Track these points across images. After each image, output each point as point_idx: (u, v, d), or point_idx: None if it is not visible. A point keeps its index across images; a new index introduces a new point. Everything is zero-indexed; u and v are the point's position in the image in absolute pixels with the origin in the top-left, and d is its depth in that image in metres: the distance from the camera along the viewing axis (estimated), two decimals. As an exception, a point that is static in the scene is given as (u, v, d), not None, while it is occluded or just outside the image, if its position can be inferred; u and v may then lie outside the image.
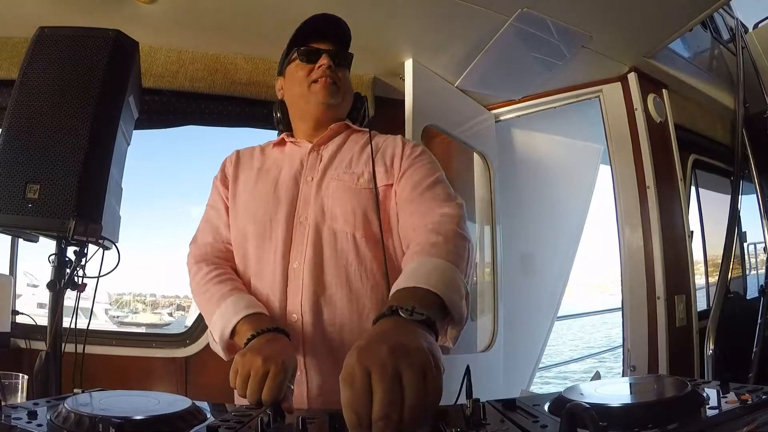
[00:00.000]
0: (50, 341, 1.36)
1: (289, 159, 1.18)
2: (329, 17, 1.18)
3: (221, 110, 2.14)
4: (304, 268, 1.03)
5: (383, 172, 1.11)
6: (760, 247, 3.14)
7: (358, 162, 1.13)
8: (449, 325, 0.80)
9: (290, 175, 1.14)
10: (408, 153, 1.14)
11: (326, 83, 1.15)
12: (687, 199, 2.48)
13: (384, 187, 1.10)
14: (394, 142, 1.18)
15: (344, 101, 1.21)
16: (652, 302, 2.14)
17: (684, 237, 2.33)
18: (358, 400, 0.53)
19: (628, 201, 2.24)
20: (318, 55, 1.16)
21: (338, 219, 1.06)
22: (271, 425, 0.68)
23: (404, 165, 1.12)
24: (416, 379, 0.54)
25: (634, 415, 0.62)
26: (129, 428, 0.60)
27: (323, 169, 1.13)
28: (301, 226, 1.07)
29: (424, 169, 1.11)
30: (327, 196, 1.09)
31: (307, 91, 1.17)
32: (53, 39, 1.41)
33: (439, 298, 0.75)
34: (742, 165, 2.89)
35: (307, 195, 1.10)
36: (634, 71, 2.28)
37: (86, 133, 1.33)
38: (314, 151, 1.17)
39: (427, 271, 0.81)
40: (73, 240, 1.32)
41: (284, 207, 1.09)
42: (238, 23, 1.90)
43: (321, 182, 1.11)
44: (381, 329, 0.66)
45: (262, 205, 1.11)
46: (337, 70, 1.17)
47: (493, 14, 1.83)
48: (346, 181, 1.10)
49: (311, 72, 1.16)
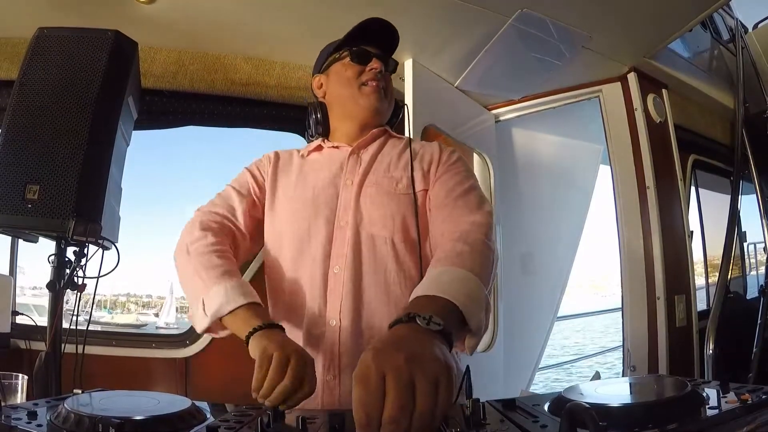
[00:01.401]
0: (50, 342, 1.35)
1: (328, 163, 1.16)
2: (385, 24, 1.18)
3: (221, 110, 2.14)
4: (345, 273, 1.03)
5: (420, 178, 1.11)
6: (760, 247, 3.14)
7: (396, 167, 1.13)
8: (467, 335, 0.80)
9: (329, 178, 1.12)
10: (444, 159, 1.15)
11: (377, 87, 1.15)
12: (687, 199, 2.48)
13: (422, 192, 1.10)
14: (431, 148, 1.19)
15: (389, 107, 1.21)
16: (652, 302, 2.15)
17: (684, 237, 2.33)
18: (371, 401, 0.55)
19: (628, 201, 2.24)
20: (370, 57, 1.16)
21: (376, 223, 1.06)
22: (271, 425, 0.68)
23: (440, 171, 1.12)
24: (429, 388, 0.56)
25: (634, 415, 0.62)
26: (129, 428, 0.60)
27: (363, 172, 1.12)
28: (341, 231, 1.06)
29: (459, 175, 1.11)
30: (366, 201, 1.08)
31: (358, 92, 1.15)
32: (53, 39, 1.41)
33: (458, 308, 0.76)
34: (742, 165, 2.89)
35: (348, 199, 1.09)
36: (634, 71, 2.28)
37: (86, 134, 1.33)
38: (354, 154, 1.16)
39: (449, 281, 0.81)
40: (73, 240, 1.32)
41: (324, 211, 1.08)
42: (238, 23, 1.90)
43: (361, 186, 1.10)
44: (398, 335, 0.66)
45: (301, 209, 1.09)
46: (386, 74, 1.17)
47: (493, 14, 1.83)
48: (385, 186, 1.09)
49: (361, 74, 1.15)
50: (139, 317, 22.72)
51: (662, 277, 2.14)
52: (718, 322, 2.32)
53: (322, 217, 1.07)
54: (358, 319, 1.01)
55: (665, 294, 2.13)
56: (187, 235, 1.04)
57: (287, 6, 1.77)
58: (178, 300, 20.44)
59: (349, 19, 1.23)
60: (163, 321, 18.98)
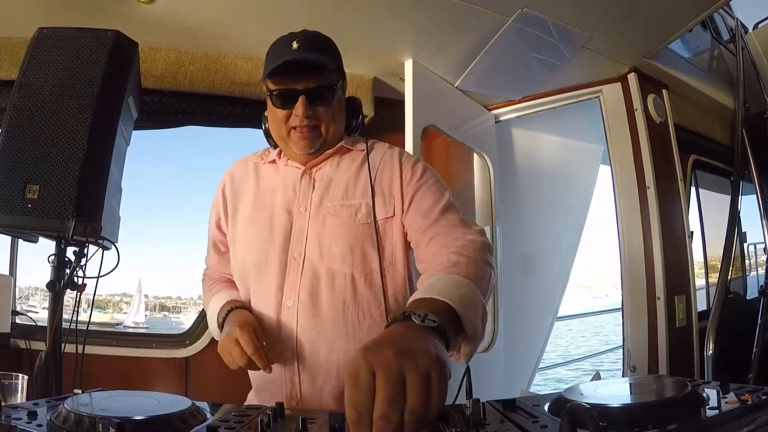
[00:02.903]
0: (50, 341, 1.35)
1: (282, 182, 1.13)
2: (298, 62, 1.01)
3: (221, 111, 2.14)
4: (298, 308, 1.02)
5: (381, 204, 1.06)
6: (760, 248, 3.14)
7: (354, 191, 1.08)
8: (463, 341, 0.78)
9: (284, 203, 1.09)
10: (408, 176, 1.08)
11: (305, 134, 1.06)
12: (687, 199, 2.48)
13: (383, 221, 1.05)
14: (391, 162, 1.11)
15: (333, 131, 1.10)
16: (652, 302, 2.15)
17: (684, 237, 2.33)
18: (361, 398, 0.54)
19: (628, 201, 2.25)
20: (294, 99, 1.03)
21: (336, 258, 1.03)
22: (271, 425, 0.68)
23: (407, 192, 1.07)
24: (420, 383, 0.54)
25: (634, 415, 0.62)
26: (129, 428, 0.60)
27: (318, 199, 1.08)
28: (295, 262, 1.04)
29: (430, 193, 1.07)
30: (324, 233, 1.05)
31: (287, 137, 1.08)
32: (53, 39, 1.41)
33: (454, 311, 0.74)
34: (742, 165, 2.89)
35: (301, 227, 1.06)
36: (634, 71, 2.28)
37: (85, 134, 1.33)
38: (306, 175, 1.11)
39: (445, 285, 0.80)
40: (73, 240, 1.32)
41: (278, 240, 1.06)
42: (238, 23, 1.90)
43: (317, 214, 1.06)
44: (391, 332, 0.66)
45: (259, 236, 1.08)
46: (318, 110, 1.05)
47: (493, 14, 1.83)
48: (344, 217, 1.05)
49: (288, 118, 1.05)
50: (115, 316, 22.41)
51: (662, 278, 2.14)
52: (718, 323, 2.32)
53: (276, 246, 1.06)
54: (316, 353, 1.02)
55: (665, 294, 2.13)
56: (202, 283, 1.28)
57: (287, 6, 1.77)
58: (148, 298, 19.96)
59: (349, 19, 1.22)
60: (131, 320, 18.38)
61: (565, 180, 3.16)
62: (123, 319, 19.91)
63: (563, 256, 3.21)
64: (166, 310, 30.11)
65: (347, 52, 1.20)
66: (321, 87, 1.04)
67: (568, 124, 2.87)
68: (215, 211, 1.19)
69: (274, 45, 1.08)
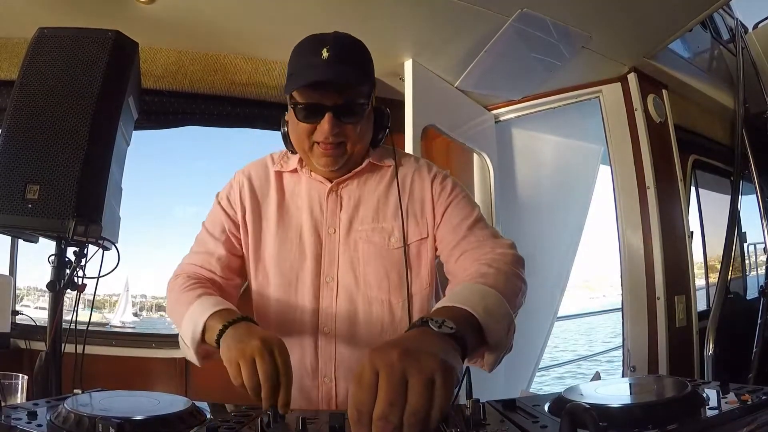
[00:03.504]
0: (50, 342, 1.35)
1: (307, 197, 1.07)
2: (330, 73, 0.93)
3: (221, 111, 2.14)
4: (336, 335, 1.00)
5: (414, 226, 1.03)
6: (760, 248, 3.14)
7: (386, 213, 1.04)
8: (486, 350, 0.75)
9: (311, 222, 1.05)
10: (438, 193, 1.06)
11: (329, 152, 0.99)
12: (687, 199, 2.48)
13: (418, 242, 1.03)
14: (420, 178, 1.07)
15: (359, 149, 1.03)
16: (652, 302, 2.15)
17: (684, 237, 2.33)
18: (362, 397, 0.53)
19: (628, 201, 2.25)
20: (321, 114, 0.95)
21: (372, 286, 1.01)
22: (271, 425, 0.68)
23: (438, 209, 1.05)
24: (422, 385, 0.53)
25: (634, 415, 0.62)
26: (129, 428, 0.60)
27: (347, 220, 1.04)
28: (328, 288, 1.02)
29: (459, 208, 1.04)
30: (358, 259, 1.02)
31: (310, 151, 1.01)
32: (53, 39, 1.41)
33: (476, 320, 0.72)
34: (742, 165, 2.89)
35: (332, 251, 1.03)
36: (634, 71, 2.28)
37: (86, 134, 1.33)
38: (333, 192, 1.06)
39: (469, 294, 0.77)
40: (73, 240, 1.32)
41: (309, 263, 1.03)
42: (238, 23, 1.90)
43: (348, 238, 1.03)
44: (404, 336, 0.65)
45: (288, 256, 1.04)
46: (346, 128, 0.98)
47: (493, 14, 1.83)
48: (377, 243, 1.02)
49: (312, 132, 0.98)
50: (106, 315, 22.18)
51: (662, 278, 2.14)
52: (718, 323, 2.32)
53: (308, 271, 1.02)
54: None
55: (665, 294, 2.13)
56: (168, 286, 1.04)
57: (287, 6, 1.77)
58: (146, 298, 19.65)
59: (349, 19, 1.21)
60: (118, 320, 18.04)
61: (565, 180, 3.16)
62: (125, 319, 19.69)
63: (563, 257, 3.21)
64: (163, 309, 30.07)
65: (347, 52, 1.19)
66: (351, 103, 0.97)
67: (568, 124, 2.87)
68: (230, 205, 1.09)
69: (301, 49, 0.99)
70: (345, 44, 0.98)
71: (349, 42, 1.00)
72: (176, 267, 1.09)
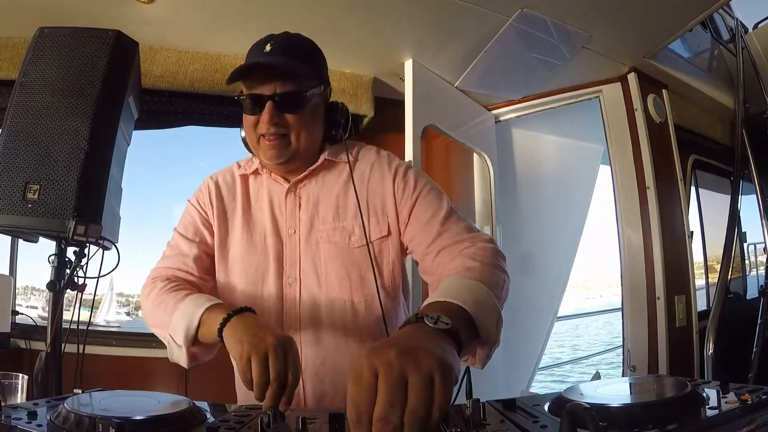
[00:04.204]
0: (50, 341, 1.35)
1: (268, 199, 1.08)
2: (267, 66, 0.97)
3: (221, 110, 2.14)
4: (301, 337, 1.00)
5: (375, 224, 1.02)
6: (760, 248, 3.14)
7: (345, 212, 1.03)
8: (478, 345, 0.76)
9: (272, 224, 1.05)
10: (401, 189, 1.04)
11: (272, 143, 1.00)
12: (687, 199, 2.48)
13: (378, 241, 1.02)
14: (380, 173, 1.06)
15: (305, 141, 1.03)
16: (652, 302, 2.15)
17: (684, 237, 2.33)
18: (362, 398, 0.53)
19: (628, 201, 2.25)
20: (261, 104, 0.98)
21: (333, 286, 1.00)
22: (271, 425, 0.68)
23: (404, 207, 1.03)
24: (421, 385, 0.52)
25: (634, 415, 0.62)
26: (129, 428, 0.60)
27: (308, 219, 1.04)
28: (291, 289, 1.02)
29: (426, 203, 1.02)
30: (319, 259, 1.02)
31: (257, 144, 1.03)
32: (53, 39, 1.41)
33: (469, 315, 0.72)
34: (742, 165, 2.88)
35: (293, 252, 1.03)
36: (634, 71, 2.28)
37: (86, 134, 1.33)
38: (291, 192, 1.06)
39: (458, 289, 0.77)
40: (73, 240, 1.32)
41: (272, 265, 1.03)
42: (238, 23, 1.90)
43: (309, 238, 1.03)
44: (400, 333, 0.64)
45: (254, 259, 1.04)
46: (286, 118, 0.99)
47: (493, 14, 1.83)
48: (338, 242, 1.02)
49: (257, 123, 1.00)
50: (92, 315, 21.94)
51: (662, 277, 2.14)
52: (718, 323, 2.32)
53: (270, 272, 1.03)
54: (321, 381, 1.01)
55: (665, 294, 2.13)
56: (143, 295, 1.03)
57: (287, 6, 1.77)
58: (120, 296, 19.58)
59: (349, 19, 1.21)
60: (102, 319, 18.09)
61: (565, 180, 3.16)
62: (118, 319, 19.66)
63: (563, 257, 3.21)
64: None
65: (347, 52, 1.20)
66: (291, 93, 0.98)
67: (568, 124, 2.87)
68: (201, 208, 1.11)
69: (252, 46, 1.04)
70: (289, 39, 1.02)
71: (296, 38, 1.04)
72: (150, 272, 1.08)
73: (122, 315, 17.39)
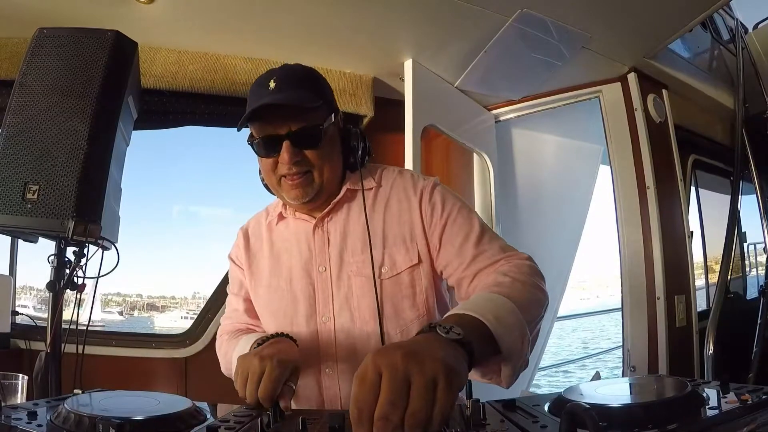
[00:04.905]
0: (50, 342, 1.35)
1: (296, 240, 1.06)
2: (276, 99, 0.93)
3: (221, 111, 2.14)
4: (339, 375, 1.00)
5: (405, 252, 1.00)
6: (760, 247, 3.14)
7: (374, 242, 1.00)
8: (502, 362, 0.71)
9: (301, 265, 1.04)
10: (428, 213, 1.01)
11: (296, 182, 0.97)
12: (687, 199, 2.48)
13: (409, 270, 0.99)
14: (406, 197, 1.03)
15: (328, 174, 1.00)
16: (652, 302, 2.15)
17: (684, 237, 2.33)
18: (364, 396, 0.53)
19: (628, 201, 2.25)
20: (277, 144, 0.95)
21: (368, 320, 0.99)
22: (271, 425, 0.68)
23: (434, 233, 1.00)
24: (424, 387, 0.52)
25: (634, 415, 0.62)
26: (129, 428, 0.60)
27: (337, 255, 1.02)
28: (326, 327, 1.01)
29: (457, 226, 0.99)
30: (351, 294, 1.00)
31: (278, 186, 1.00)
32: (53, 39, 1.41)
33: (487, 329, 0.68)
34: (742, 165, 2.89)
35: (325, 290, 1.02)
36: (634, 71, 2.28)
37: (85, 134, 1.33)
38: (318, 228, 1.04)
39: (479, 303, 0.74)
40: (73, 240, 1.32)
41: (303, 306, 1.02)
42: (238, 23, 1.90)
43: (341, 273, 1.01)
44: (410, 339, 0.64)
45: (281, 304, 1.05)
46: (306, 154, 0.96)
47: (493, 14, 1.83)
48: (367, 275, 0.99)
49: (276, 165, 0.97)
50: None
51: (662, 277, 2.14)
52: (718, 322, 2.32)
53: (302, 315, 1.02)
54: None
55: (665, 294, 2.13)
56: (216, 346, 1.14)
57: (287, 6, 1.77)
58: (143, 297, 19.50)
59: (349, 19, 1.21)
60: (84, 318, 18.21)
61: (564, 180, 3.16)
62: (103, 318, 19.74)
63: (563, 256, 3.21)
64: (155, 309, 30.03)
65: (347, 52, 1.19)
66: (306, 128, 0.95)
67: (568, 124, 2.87)
68: (237, 263, 1.14)
69: (254, 86, 1.00)
70: (292, 72, 0.99)
71: (298, 69, 1.01)
72: (217, 331, 1.18)
73: (114, 314, 17.27)
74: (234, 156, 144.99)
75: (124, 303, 29.01)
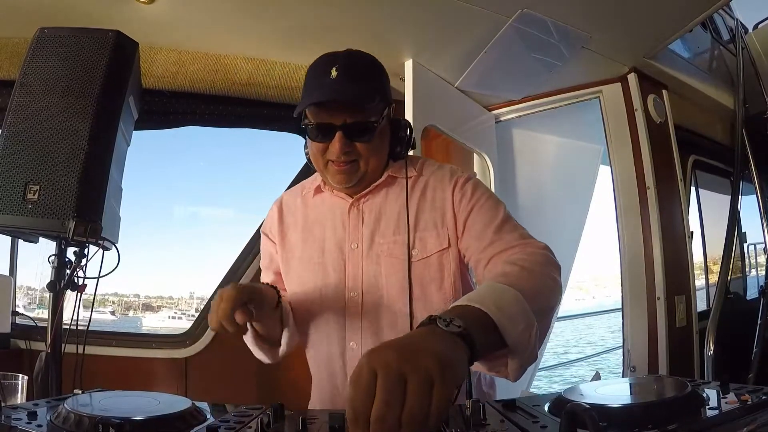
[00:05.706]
0: (50, 342, 1.36)
1: (330, 215, 1.09)
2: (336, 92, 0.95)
3: (221, 111, 2.14)
4: (362, 346, 1.01)
5: (435, 237, 1.02)
6: (760, 248, 3.14)
7: (406, 225, 1.03)
8: (509, 355, 0.70)
9: (334, 239, 1.07)
10: (459, 199, 1.03)
11: (342, 169, 1.00)
12: (687, 199, 2.48)
13: (439, 253, 1.02)
14: (442, 186, 1.06)
15: (373, 165, 1.04)
16: (652, 302, 2.14)
17: (684, 237, 2.33)
18: (359, 398, 0.52)
19: (628, 201, 2.25)
20: (331, 133, 0.97)
21: (395, 299, 1.00)
22: (271, 425, 0.68)
23: (460, 217, 1.02)
24: (419, 385, 0.51)
25: (634, 415, 0.62)
26: (129, 428, 0.60)
27: (369, 234, 1.05)
28: (353, 302, 1.03)
29: (482, 212, 1.01)
30: (380, 273, 1.02)
31: (325, 169, 1.03)
32: (53, 39, 1.41)
33: (490, 320, 0.66)
34: (742, 165, 2.89)
35: (356, 266, 1.04)
36: (634, 72, 2.28)
37: (86, 134, 1.33)
38: (354, 207, 1.07)
39: (483, 294, 0.72)
40: (73, 241, 1.32)
41: (332, 279, 1.04)
42: (237, 23, 1.90)
43: (370, 252, 1.04)
44: (408, 334, 0.63)
45: (311, 275, 1.07)
46: (357, 146, 0.99)
47: (493, 14, 1.83)
48: (399, 256, 1.01)
49: (326, 151, 1.00)
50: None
51: (662, 277, 2.14)
52: (718, 323, 2.32)
53: (331, 287, 1.04)
54: None
55: (665, 294, 2.13)
56: None
57: (287, 6, 1.77)
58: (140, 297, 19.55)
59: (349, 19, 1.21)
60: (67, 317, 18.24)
61: (565, 180, 3.16)
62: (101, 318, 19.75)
63: (563, 256, 3.20)
64: (150, 309, 30.12)
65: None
66: (361, 123, 0.97)
67: (568, 124, 2.87)
68: (269, 235, 1.16)
69: (313, 69, 1.02)
70: (354, 62, 1.00)
71: (360, 59, 1.02)
72: None
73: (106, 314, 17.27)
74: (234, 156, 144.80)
75: (120, 303, 28.98)
